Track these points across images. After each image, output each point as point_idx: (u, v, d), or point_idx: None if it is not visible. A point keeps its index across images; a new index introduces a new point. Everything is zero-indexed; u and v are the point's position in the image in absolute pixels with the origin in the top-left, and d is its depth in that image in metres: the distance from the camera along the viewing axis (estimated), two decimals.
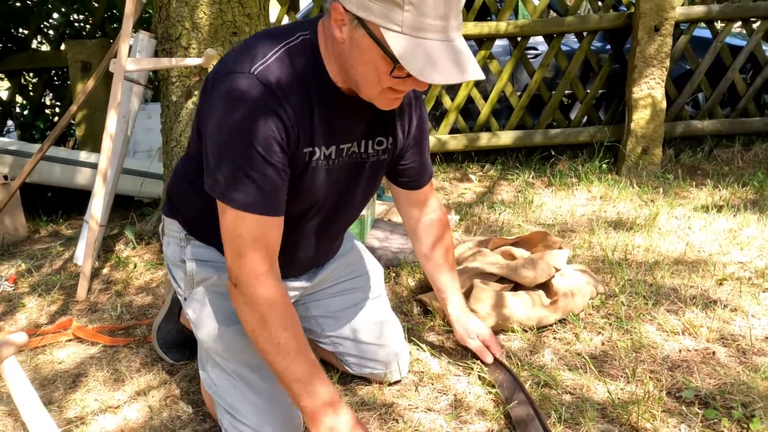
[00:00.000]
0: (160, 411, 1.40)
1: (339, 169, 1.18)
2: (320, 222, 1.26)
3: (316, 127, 1.09)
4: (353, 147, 1.18)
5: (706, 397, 1.34)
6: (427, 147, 1.39)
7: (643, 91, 3.61)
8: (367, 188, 1.29)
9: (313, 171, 1.13)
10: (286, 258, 1.22)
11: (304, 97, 1.06)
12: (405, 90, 1.03)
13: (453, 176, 3.87)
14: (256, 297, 1.07)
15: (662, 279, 2.00)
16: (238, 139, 1.01)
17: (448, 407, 1.38)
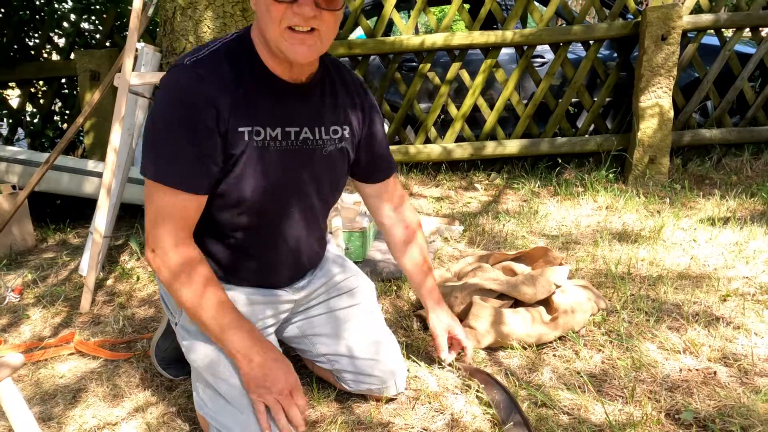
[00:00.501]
0: (158, 428, 1.41)
1: (294, 153, 1.24)
2: (291, 209, 1.28)
3: (251, 108, 1.17)
4: (305, 133, 1.25)
5: (705, 420, 1.33)
6: (385, 140, 1.46)
7: (650, 101, 3.58)
8: (333, 177, 1.33)
9: (261, 151, 1.19)
10: (268, 254, 1.28)
11: (235, 81, 1.15)
12: (297, 22, 1.09)
13: (459, 185, 3.86)
14: (173, 261, 1.16)
15: (665, 294, 1.98)
16: (165, 118, 1.12)
17: (444, 427, 1.38)
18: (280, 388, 1.18)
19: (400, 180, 3.90)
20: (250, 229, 1.26)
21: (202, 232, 1.24)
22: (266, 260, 1.32)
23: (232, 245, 1.28)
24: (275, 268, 1.35)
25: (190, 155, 1.12)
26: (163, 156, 1.13)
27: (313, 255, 1.43)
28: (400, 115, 3.93)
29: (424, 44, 3.75)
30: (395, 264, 2.35)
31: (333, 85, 1.31)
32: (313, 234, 1.38)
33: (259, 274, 1.34)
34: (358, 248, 2.32)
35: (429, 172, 4.08)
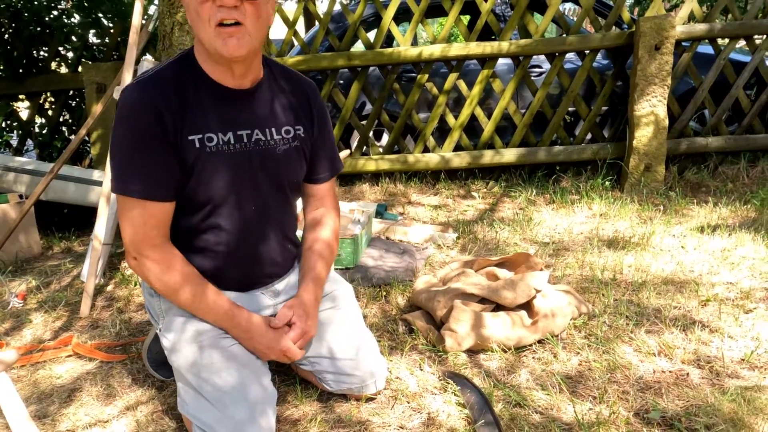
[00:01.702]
0: (147, 425, 1.47)
1: (248, 155, 1.31)
2: (256, 207, 1.36)
3: (199, 117, 1.25)
4: (257, 135, 1.33)
5: (672, 419, 1.37)
6: (333, 143, 1.54)
7: (645, 109, 3.62)
8: (290, 175, 1.41)
9: (216, 156, 1.27)
10: (238, 253, 1.35)
11: (179, 93, 1.24)
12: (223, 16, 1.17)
13: (456, 193, 3.92)
14: (155, 263, 1.26)
15: (647, 299, 2.02)
16: (118, 136, 1.21)
17: (420, 425, 1.43)
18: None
19: (399, 188, 3.97)
20: (217, 232, 1.34)
21: (174, 241, 1.32)
22: (238, 258, 1.38)
23: (204, 249, 1.35)
24: (249, 265, 1.42)
25: (147, 166, 1.21)
26: (124, 171, 1.21)
27: (285, 252, 1.49)
28: (399, 125, 4.00)
29: (422, 55, 3.82)
30: (386, 270, 2.41)
31: (281, 88, 1.41)
32: (280, 230, 1.45)
33: (235, 273, 1.41)
34: (349, 254, 2.38)
35: (428, 180, 4.14)
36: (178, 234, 1.33)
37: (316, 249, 1.52)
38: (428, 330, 1.83)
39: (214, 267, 1.36)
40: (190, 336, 1.32)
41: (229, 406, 1.26)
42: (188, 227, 1.33)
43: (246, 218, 1.36)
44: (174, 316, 1.36)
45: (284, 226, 1.46)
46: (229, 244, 1.36)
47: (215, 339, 1.32)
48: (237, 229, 1.35)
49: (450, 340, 1.73)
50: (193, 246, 1.35)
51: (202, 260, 1.35)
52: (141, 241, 1.25)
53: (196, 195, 1.28)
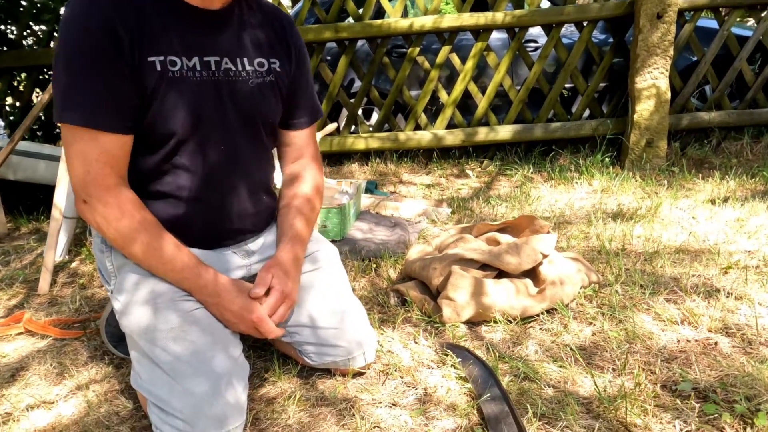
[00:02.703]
0: (99, 406, 1.27)
1: (216, 85, 1.14)
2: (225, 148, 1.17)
3: (160, 36, 1.07)
4: (226, 64, 1.15)
5: (706, 391, 1.19)
6: (312, 85, 1.36)
7: (646, 81, 3.45)
8: (262, 112, 1.22)
9: (179, 83, 1.09)
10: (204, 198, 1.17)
11: (140, 6, 1.06)
12: None
13: (450, 172, 3.73)
14: (108, 210, 1.07)
15: (662, 268, 1.85)
16: (65, 55, 1.01)
17: (415, 402, 1.24)
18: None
19: (390, 167, 3.78)
20: (180, 173, 1.14)
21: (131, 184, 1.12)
22: (204, 205, 1.19)
23: (165, 195, 1.16)
24: (216, 215, 1.22)
25: (97, 90, 1.02)
26: (69, 96, 1.01)
27: (259, 203, 1.29)
28: (389, 101, 3.80)
29: (413, 27, 3.63)
30: (376, 243, 2.22)
31: (254, 16, 1.22)
32: (253, 177, 1.26)
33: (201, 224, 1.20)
34: (336, 225, 2.19)
35: (419, 159, 3.95)
36: (135, 176, 1.13)
37: (294, 205, 1.32)
38: (423, 300, 1.64)
39: (177, 216, 1.17)
40: (145, 296, 1.12)
41: (189, 378, 1.07)
42: (148, 168, 1.13)
43: (213, 159, 1.16)
44: (127, 273, 1.16)
45: (258, 173, 1.27)
46: (194, 188, 1.16)
47: (174, 301, 1.12)
48: (203, 171, 1.16)
49: (448, 310, 1.54)
50: (154, 191, 1.15)
51: (164, 207, 1.16)
52: (92, 182, 1.05)
53: (156, 128, 1.09)
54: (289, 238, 1.27)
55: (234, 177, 1.21)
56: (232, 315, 1.14)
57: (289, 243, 1.26)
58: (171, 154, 1.12)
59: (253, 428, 1.18)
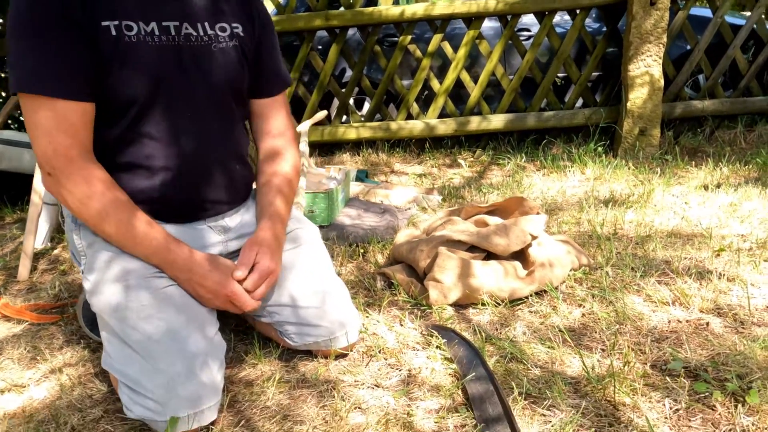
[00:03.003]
0: (72, 389, 1.23)
1: (176, 50, 1.10)
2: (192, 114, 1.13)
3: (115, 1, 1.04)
4: (186, 29, 1.12)
5: (696, 369, 1.16)
6: (278, 51, 1.32)
7: (639, 69, 3.42)
8: (228, 78, 1.18)
9: (138, 48, 1.05)
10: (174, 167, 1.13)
11: None
12: None
13: (442, 162, 3.70)
14: (72, 184, 1.03)
15: (653, 252, 1.82)
16: (17, 20, 0.98)
17: (398, 383, 1.20)
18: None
19: (381, 157, 3.74)
20: (146, 142, 1.11)
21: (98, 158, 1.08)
22: (174, 175, 1.14)
23: (133, 166, 1.11)
24: (188, 185, 1.17)
25: (51, 56, 0.98)
26: (23, 63, 0.98)
27: (234, 172, 1.25)
28: (381, 90, 3.76)
29: (404, 15, 3.59)
30: (364, 229, 2.18)
31: None
32: (225, 145, 1.21)
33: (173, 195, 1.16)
34: (323, 210, 2.15)
35: (411, 149, 3.91)
36: (102, 148, 1.09)
37: (274, 183, 1.28)
38: (410, 283, 1.60)
39: (147, 187, 1.12)
40: (115, 274, 1.08)
41: (161, 358, 1.03)
42: (113, 139, 1.09)
43: (180, 127, 1.13)
44: (97, 251, 1.12)
45: (229, 142, 1.23)
46: (163, 158, 1.12)
47: (146, 278, 1.08)
48: (170, 139, 1.12)
49: (434, 292, 1.51)
50: (122, 162, 1.11)
51: (132, 179, 1.12)
52: (53, 153, 1.01)
53: (116, 96, 1.05)
54: (269, 216, 1.23)
55: (203, 145, 1.17)
56: (206, 291, 1.10)
57: (269, 221, 1.22)
58: (135, 123, 1.09)
59: (231, 410, 1.14)
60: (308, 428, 1.06)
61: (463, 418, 1.07)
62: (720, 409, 1.04)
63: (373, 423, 1.05)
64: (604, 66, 3.77)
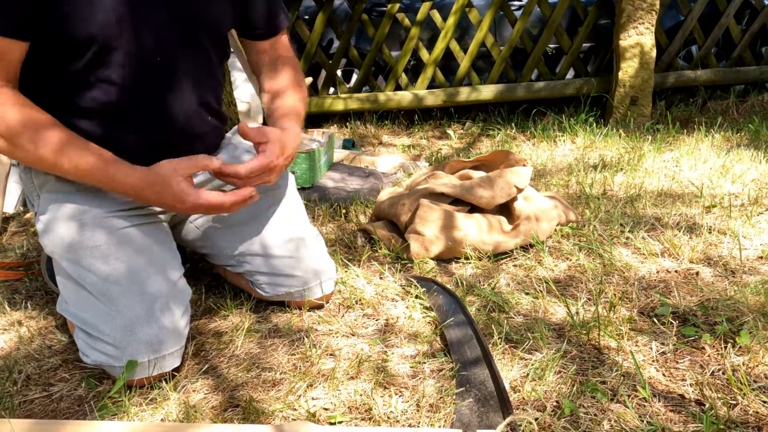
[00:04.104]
0: (31, 341, 1.17)
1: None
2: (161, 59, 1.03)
3: None
4: None
5: (685, 314, 1.11)
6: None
7: (632, 38, 3.35)
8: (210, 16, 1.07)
9: None
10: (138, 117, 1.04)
11: None
12: None
13: (432, 134, 3.63)
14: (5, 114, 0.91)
15: (643, 209, 1.76)
16: None
17: (375, 332, 1.15)
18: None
19: (369, 129, 3.67)
20: (106, 87, 1.00)
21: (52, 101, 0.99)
22: (139, 126, 1.05)
23: (91, 111, 1.01)
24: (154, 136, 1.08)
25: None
26: None
27: (204, 124, 1.15)
28: (369, 60, 3.68)
29: None
30: (348, 191, 2.12)
31: None
32: (196, 93, 1.10)
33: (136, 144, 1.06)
34: (304, 171, 2.08)
35: (400, 121, 3.84)
36: (56, 90, 1.00)
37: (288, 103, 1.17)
38: (390, 238, 1.55)
39: (108, 137, 1.02)
40: (68, 213, 1.01)
41: (119, 300, 0.96)
42: (69, 81, 0.99)
43: (146, 72, 1.02)
44: (50, 191, 1.04)
45: (201, 89, 1.12)
46: (125, 105, 1.02)
47: (102, 217, 1.02)
48: (134, 86, 1.01)
49: (416, 245, 1.45)
50: (80, 107, 1.01)
51: (92, 126, 1.02)
52: None
53: (72, 31, 0.93)
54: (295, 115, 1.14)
55: (172, 93, 1.07)
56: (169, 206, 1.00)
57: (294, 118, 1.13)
58: (94, 65, 0.98)
59: (197, 358, 1.09)
60: (277, 374, 1.01)
61: (440, 363, 1.02)
62: (709, 351, 0.99)
63: (344, 367, 1.00)
64: (596, 36, 3.70)
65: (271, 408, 0.91)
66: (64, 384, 1.02)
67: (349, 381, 0.97)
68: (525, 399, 0.89)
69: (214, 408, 0.93)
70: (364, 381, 0.97)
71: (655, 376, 0.94)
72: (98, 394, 0.99)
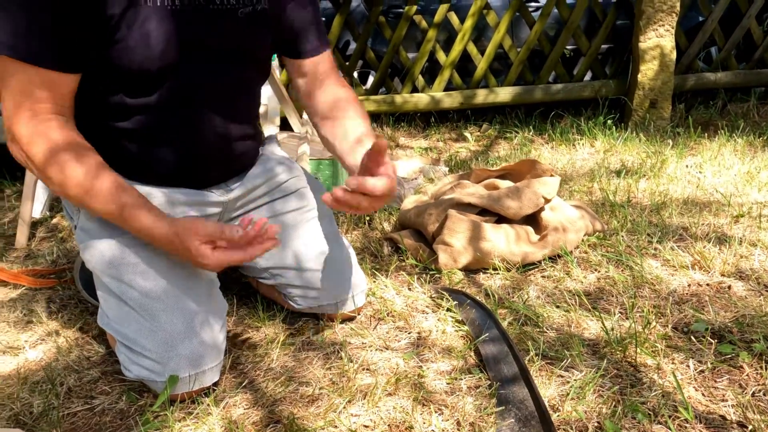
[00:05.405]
0: (69, 352, 1.19)
1: (196, 16, 0.99)
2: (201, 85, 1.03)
3: None
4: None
5: (721, 331, 1.11)
6: (318, 9, 1.19)
7: (651, 40, 3.33)
8: (252, 46, 1.07)
9: (155, 12, 0.94)
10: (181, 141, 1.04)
11: None
12: None
13: (448, 136, 3.63)
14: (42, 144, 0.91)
15: (669, 218, 1.76)
16: None
17: (408, 346, 1.15)
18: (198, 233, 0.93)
19: (386, 132, 3.67)
20: (153, 111, 1.01)
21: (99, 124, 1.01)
22: (182, 149, 1.06)
23: (137, 133, 1.03)
24: (196, 159, 1.09)
25: (45, 20, 0.87)
26: (10, 24, 0.86)
27: (244, 146, 1.17)
28: (385, 62, 3.68)
29: None
30: None
31: None
32: (236, 118, 1.12)
33: (178, 166, 1.08)
34: (327, 178, 2.09)
35: (417, 123, 3.84)
36: (96, 113, 1.01)
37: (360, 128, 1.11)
38: (418, 248, 1.55)
39: (147, 159, 1.05)
40: (109, 228, 1.02)
41: (160, 315, 0.98)
42: (112, 105, 1.00)
43: (191, 95, 1.02)
44: None
45: (243, 110, 1.13)
46: (166, 126, 1.03)
47: None
48: (177, 108, 1.02)
49: (444, 256, 1.45)
50: (118, 128, 1.02)
51: (133, 147, 1.04)
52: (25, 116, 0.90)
53: (122, 63, 0.94)
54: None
55: (215, 115, 1.07)
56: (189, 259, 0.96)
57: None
58: (142, 91, 0.99)
59: (233, 372, 1.10)
60: (315, 389, 1.02)
61: (477, 379, 1.02)
62: (748, 370, 0.99)
63: (382, 383, 1.01)
64: (614, 37, 3.68)
65: (313, 425, 0.92)
66: (105, 397, 1.04)
67: (387, 397, 0.98)
68: (566, 419, 0.90)
69: (255, 424, 0.94)
70: (403, 398, 0.98)
71: (694, 396, 0.94)
72: (140, 407, 1.00)
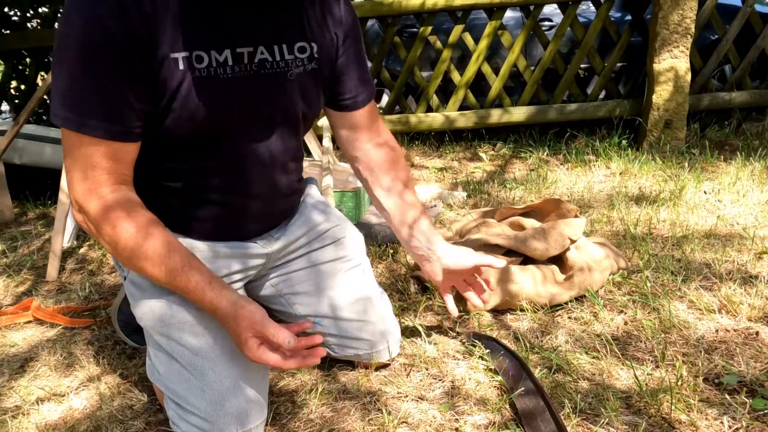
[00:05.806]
0: (112, 399, 1.22)
1: (250, 82, 1.00)
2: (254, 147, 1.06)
3: (185, 26, 0.92)
4: (262, 54, 1.00)
5: (752, 384, 1.13)
6: (364, 57, 1.22)
7: (666, 61, 3.35)
8: (304, 106, 1.10)
9: (207, 82, 0.95)
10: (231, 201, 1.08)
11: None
12: None
13: (462, 155, 3.65)
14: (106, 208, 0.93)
15: (692, 254, 1.77)
16: (74, 48, 0.87)
17: (443, 396, 1.18)
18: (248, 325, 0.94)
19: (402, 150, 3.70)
20: (203, 174, 1.04)
21: (147, 182, 1.03)
22: (230, 208, 1.10)
23: (186, 192, 1.06)
24: (242, 216, 1.13)
25: (107, 93, 0.89)
26: (74, 98, 0.88)
27: (288, 201, 1.21)
28: (400, 82, 3.72)
29: (425, 5, 3.53)
30: None
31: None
32: (287, 174, 1.15)
33: (224, 223, 1.11)
34: (351, 209, 2.12)
35: (431, 142, 3.87)
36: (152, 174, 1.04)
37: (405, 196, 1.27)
38: None
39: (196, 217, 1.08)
40: (160, 287, 1.05)
41: (208, 373, 1.01)
42: (167, 167, 1.03)
43: (240, 154, 1.05)
44: None
45: (289, 163, 1.16)
46: (214, 184, 1.06)
47: None
48: (225, 167, 1.05)
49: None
50: (168, 187, 1.05)
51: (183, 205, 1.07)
52: (87, 190, 0.93)
53: (177, 131, 0.96)
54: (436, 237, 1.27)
55: (264, 179, 1.10)
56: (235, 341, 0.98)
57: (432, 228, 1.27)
58: (194, 157, 1.02)
59: (274, 423, 1.12)
60: None
61: None
62: None
63: None
64: (628, 56, 3.69)
65: None
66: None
67: None
68: None
69: None
70: None
71: None
72: None
